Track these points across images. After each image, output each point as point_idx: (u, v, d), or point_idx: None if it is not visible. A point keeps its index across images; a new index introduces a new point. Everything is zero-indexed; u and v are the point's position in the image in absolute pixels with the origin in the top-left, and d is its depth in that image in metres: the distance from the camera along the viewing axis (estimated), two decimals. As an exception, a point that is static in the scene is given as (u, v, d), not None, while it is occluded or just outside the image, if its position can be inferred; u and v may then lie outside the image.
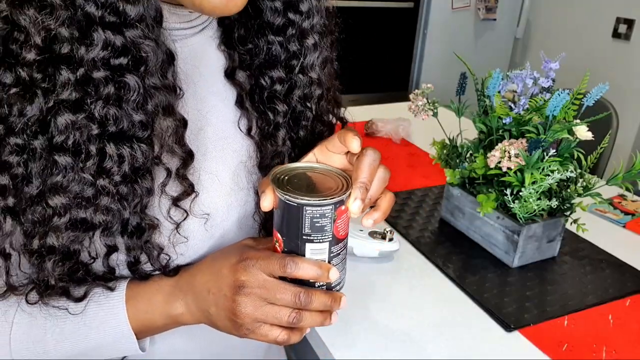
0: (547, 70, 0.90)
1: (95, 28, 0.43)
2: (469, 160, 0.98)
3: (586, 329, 0.79)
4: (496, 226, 0.94)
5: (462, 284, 0.88)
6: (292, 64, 0.61)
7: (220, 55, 0.62)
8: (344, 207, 0.50)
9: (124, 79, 0.46)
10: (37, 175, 0.46)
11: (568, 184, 0.91)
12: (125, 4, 0.43)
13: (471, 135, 1.02)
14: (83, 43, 0.43)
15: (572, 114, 0.87)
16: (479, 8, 3.21)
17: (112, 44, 0.44)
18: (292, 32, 0.60)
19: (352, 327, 0.77)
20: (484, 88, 0.94)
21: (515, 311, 0.82)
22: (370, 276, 0.89)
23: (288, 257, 0.51)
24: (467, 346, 0.75)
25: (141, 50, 0.46)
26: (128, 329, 0.56)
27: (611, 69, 2.78)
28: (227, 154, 0.62)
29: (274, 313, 0.51)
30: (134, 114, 0.47)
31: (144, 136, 0.48)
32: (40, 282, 0.51)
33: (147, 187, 0.51)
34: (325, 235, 0.51)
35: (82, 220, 0.49)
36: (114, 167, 0.48)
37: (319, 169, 0.55)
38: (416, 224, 1.06)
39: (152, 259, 0.55)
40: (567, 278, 0.91)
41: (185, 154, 0.54)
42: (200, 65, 0.60)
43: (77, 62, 0.44)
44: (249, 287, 0.51)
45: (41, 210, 0.47)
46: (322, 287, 0.53)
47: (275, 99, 0.62)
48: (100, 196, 0.48)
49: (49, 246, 0.49)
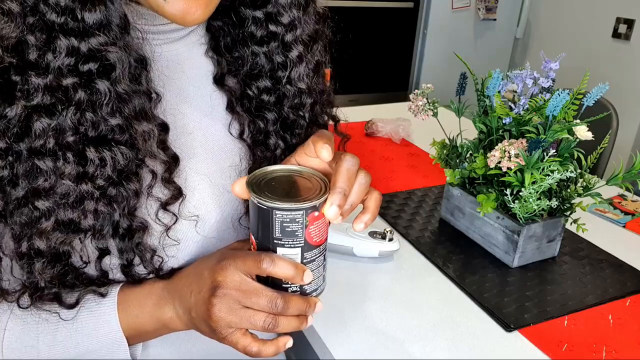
0: (547, 70, 0.90)
1: (58, 35, 0.43)
2: (469, 160, 0.98)
3: (586, 329, 0.79)
4: (496, 226, 0.94)
5: (462, 284, 0.88)
6: (278, 76, 0.60)
7: (208, 61, 0.62)
8: (317, 213, 0.49)
9: (95, 85, 0.45)
10: (23, 178, 0.46)
11: (568, 184, 0.91)
12: (82, 12, 0.43)
13: (471, 135, 1.02)
14: (50, 49, 0.43)
15: (572, 114, 0.87)
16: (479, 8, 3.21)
17: (77, 51, 0.44)
18: (274, 45, 0.59)
19: (351, 327, 0.78)
20: (484, 88, 0.94)
21: (515, 311, 0.82)
22: (370, 276, 0.89)
23: (264, 253, 0.50)
24: (467, 346, 0.75)
25: (107, 57, 0.45)
26: (120, 335, 0.56)
27: (611, 69, 2.78)
28: (218, 156, 0.62)
29: (249, 317, 0.50)
30: (110, 118, 0.47)
31: (123, 139, 0.48)
32: (30, 285, 0.51)
33: (134, 188, 0.51)
34: (297, 241, 0.50)
35: (69, 221, 0.49)
36: (97, 170, 0.47)
37: (302, 173, 0.54)
38: (416, 224, 1.06)
39: (145, 261, 0.55)
40: (567, 278, 0.91)
41: (169, 159, 0.53)
42: (187, 70, 0.60)
43: (45, 68, 0.44)
44: (224, 288, 0.50)
45: (28, 212, 0.47)
46: (297, 292, 0.52)
47: (264, 109, 0.62)
48: (85, 200, 0.48)
49: (37, 248, 0.49)
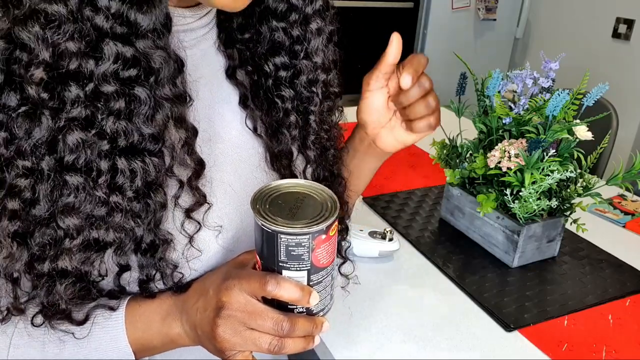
0: (547, 70, 0.90)
1: (106, 40, 0.41)
2: (469, 160, 0.98)
3: (586, 329, 0.79)
4: (496, 226, 0.94)
5: (462, 284, 0.88)
6: (295, 50, 0.60)
7: (219, 56, 0.62)
8: (324, 236, 0.47)
9: (134, 92, 0.44)
10: (46, 197, 0.44)
11: (568, 184, 0.91)
12: (137, 14, 0.41)
13: (471, 135, 1.02)
14: (92, 57, 0.42)
15: (572, 114, 0.87)
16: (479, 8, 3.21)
17: (123, 56, 0.42)
18: (295, 18, 0.59)
19: (352, 327, 0.78)
20: (484, 88, 0.94)
21: (515, 311, 0.82)
22: (370, 276, 0.89)
23: (269, 274, 0.48)
24: (467, 346, 0.75)
25: (152, 60, 0.44)
26: (128, 350, 0.55)
27: (611, 69, 2.78)
28: (238, 160, 0.61)
29: (254, 339, 0.48)
30: (144, 127, 0.45)
31: (155, 149, 0.47)
32: (49, 305, 0.50)
33: (161, 201, 0.49)
34: (303, 264, 0.48)
35: (94, 240, 0.47)
36: (126, 182, 0.46)
37: (312, 189, 0.51)
38: (416, 224, 1.06)
39: (165, 277, 0.54)
40: (567, 278, 0.91)
41: (196, 164, 0.52)
42: (205, 72, 0.59)
43: (87, 77, 0.42)
44: (229, 310, 0.49)
45: (51, 232, 0.46)
46: (303, 312, 0.50)
47: (281, 86, 0.61)
48: (114, 213, 0.47)
49: (61, 269, 0.47)
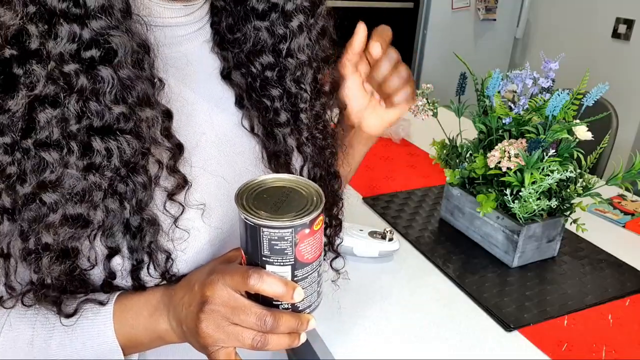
0: (546, 70, 0.90)
1: (60, 21, 0.43)
2: (468, 160, 0.98)
3: (586, 329, 0.79)
4: (496, 226, 0.94)
5: (462, 284, 0.88)
6: (279, 49, 0.61)
7: (215, 58, 0.63)
8: (307, 230, 0.47)
9: (97, 72, 0.45)
10: (32, 174, 0.46)
11: (568, 184, 0.91)
12: None
13: (471, 135, 1.02)
14: (51, 37, 0.44)
15: (571, 114, 0.87)
16: (479, 8, 3.21)
17: (80, 37, 0.44)
18: (275, 16, 0.60)
19: (352, 327, 0.78)
20: (484, 88, 0.94)
21: (515, 311, 0.82)
22: (370, 276, 0.89)
23: (252, 268, 0.48)
24: (467, 346, 0.75)
25: (109, 41, 0.45)
26: (116, 345, 0.55)
27: (611, 69, 2.78)
28: (225, 147, 0.62)
29: (236, 334, 0.48)
30: (113, 106, 0.47)
31: (127, 128, 0.48)
32: (37, 283, 0.51)
33: (142, 181, 0.50)
34: (286, 259, 0.48)
35: (77, 216, 0.48)
36: (103, 161, 0.47)
37: (298, 183, 0.51)
38: (416, 224, 1.06)
39: (156, 262, 0.54)
40: (567, 278, 0.91)
41: (173, 146, 0.53)
42: (198, 71, 0.60)
43: (47, 56, 0.44)
44: (212, 304, 0.49)
45: (35, 207, 0.47)
46: (289, 309, 0.50)
47: (268, 86, 0.62)
48: (93, 192, 0.48)
49: (44, 243, 0.48)
